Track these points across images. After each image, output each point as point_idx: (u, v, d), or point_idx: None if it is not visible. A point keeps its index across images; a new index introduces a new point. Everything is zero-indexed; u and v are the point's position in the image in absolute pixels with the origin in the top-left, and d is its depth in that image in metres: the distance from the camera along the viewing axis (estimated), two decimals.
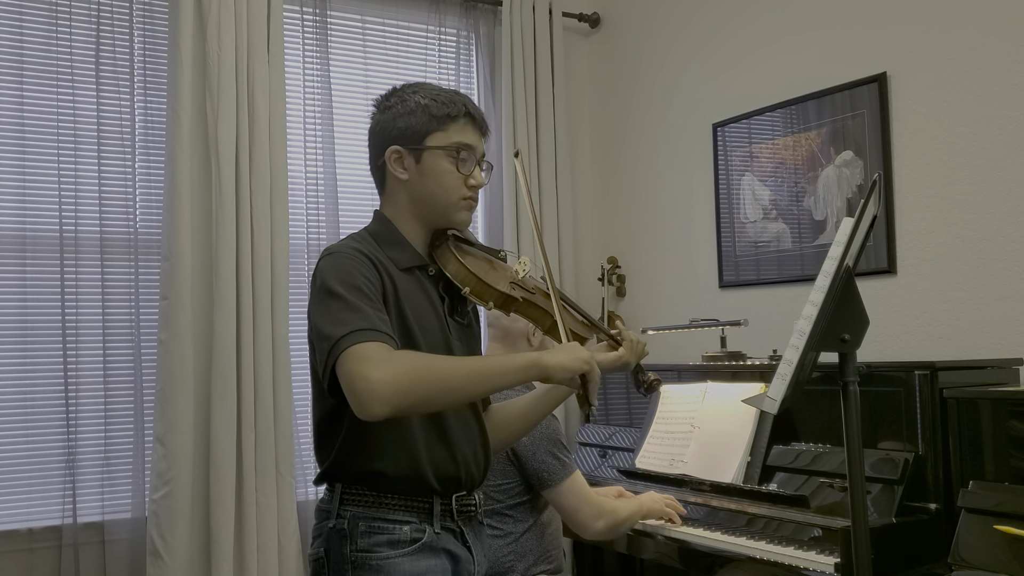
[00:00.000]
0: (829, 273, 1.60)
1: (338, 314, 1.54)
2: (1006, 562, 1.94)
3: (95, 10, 3.03)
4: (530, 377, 1.63)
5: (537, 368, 1.60)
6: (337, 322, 1.53)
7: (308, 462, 3.26)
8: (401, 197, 1.76)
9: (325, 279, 1.59)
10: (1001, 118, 2.58)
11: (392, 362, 1.49)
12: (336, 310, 1.54)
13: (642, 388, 2.00)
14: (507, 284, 1.77)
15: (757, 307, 3.24)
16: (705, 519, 2.53)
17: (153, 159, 3.10)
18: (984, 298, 2.62)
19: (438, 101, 1.73)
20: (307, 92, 3.40)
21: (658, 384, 2.00)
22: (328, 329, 1.53)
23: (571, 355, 1.63)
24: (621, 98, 3.94)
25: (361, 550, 1.62)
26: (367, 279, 1.60)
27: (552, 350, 1.65)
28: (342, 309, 1.54)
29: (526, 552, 2.33)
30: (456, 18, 3.76)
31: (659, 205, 3.75)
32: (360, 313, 1.53)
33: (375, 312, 1.56)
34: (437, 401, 1.57)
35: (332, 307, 1.55)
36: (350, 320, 1.52)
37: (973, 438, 2.17)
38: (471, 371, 1.58)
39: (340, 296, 1.55)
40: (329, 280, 1.59)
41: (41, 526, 2.90)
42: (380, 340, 1.51)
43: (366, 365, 1.47)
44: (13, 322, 2.92)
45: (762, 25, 3.30)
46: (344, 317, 1.53)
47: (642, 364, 2.01)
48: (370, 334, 1.51)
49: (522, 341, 2.51)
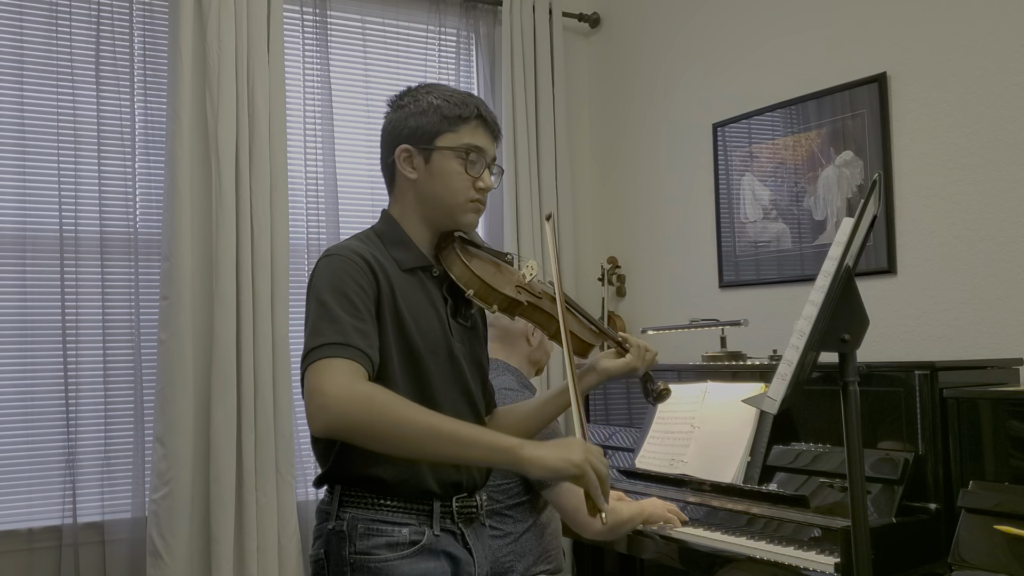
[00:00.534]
0: (829, 273, 1.60)
1: (317, 323, 1.55)
2: (1006, 562, 1.94)
3: (95, 10, 3.04)
4: (498, 461, 1.56)
5: (511, 456, 1.52)
6: (315, 332, 1.54)
7: (308, 462, 3.26)
8: (409, 197, 1.75)
9: (316, 283, 1.61)
10: (1001, 118, 2.58)
11: (353, 383, 1.48)
12: (316, 318, 1.55)
13: (651, 397, 1.96)
14: (513, 288, 1.76)
15: (757, 307, 3.24)
16: (705, 519, 2.53)
17: (153, 159, 3.10)
18: (984, 298, 2.62)
19: (451, 102, 1.72)
20: (307, 92, 3.41)
21: (667, 394, 1.94)
22: (307, 337, 1.55)
23: (558, 454, 1.53)
24: (621, 98, 3.94)
25: (360, 552, 1.62)
26: (358, 286, 1.59)
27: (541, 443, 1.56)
28: (322, 318, 1.55)
29: (525, 552, 2.33)
30: (456, 18, 3.76)
31: (659, 205, 3.75)
32: (337, 325, 1.53)
33: (355, 325, 1.55)
34: (383, 440, 1.49)
35: (315, 315, 1.56)
36: (326, 331, 1.52)
37: (973, 438, 2.17)
38: (433, 427, 1.50)
39: (324, 304, 1.56)
40: (319, 285, 1.60)
41: (41, 526, 2.90)
42: (351, 357, 1.50)
43: (325, 379, 1.47)
44: (13, 322, 2.92)
45: (762, 25, 3.30)
46: (321, 327, 1.53)
47: (650, 372, 1.97)
48: (342, 349, 1.51)
49: (521, 341, 2.52)
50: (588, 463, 1.55)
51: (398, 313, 1.65)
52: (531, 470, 1.53)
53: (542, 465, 1.52)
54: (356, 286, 1.59)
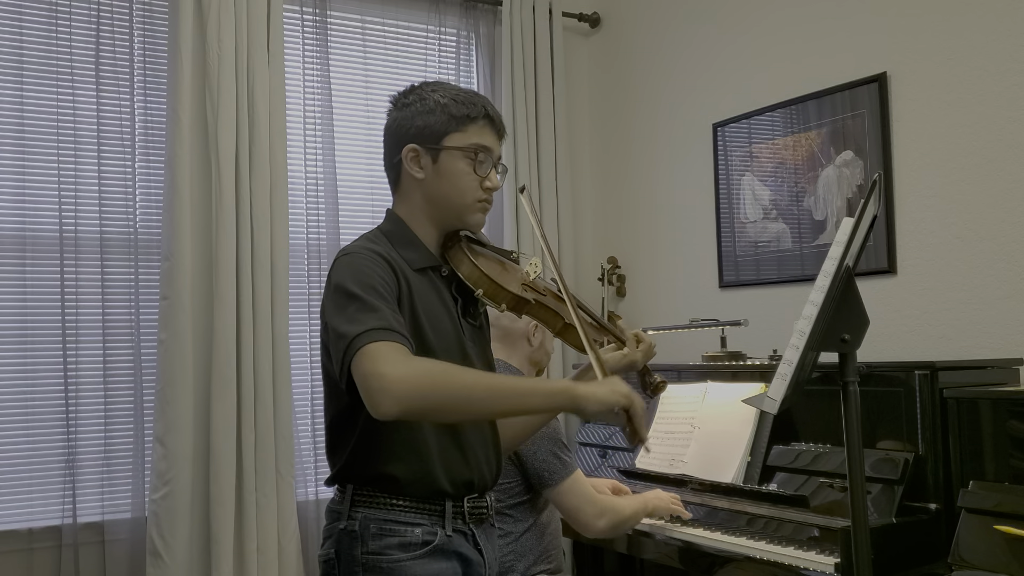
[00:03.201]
0: (829, 273, 1.60)
1: (355, 314, 1.52)
2: (1006, 562, 1.94)
3: (95, 10, 3.04)
4: (558, 404, 1.61)
5: (567, 395, 1.57)
6: (353, 321, 1.51)
7: (308, 462, 3.26)
8: (415, 197, 1.74)
9: (341, 279, 1.58)
10: (1001, 118, 2.58)
11: (409, 362, 1.48)
12: (353, 310, 1.53)
13: (648, 389, 1.98)
14: (519, 286, 1.76)
15: (757, 307, 3.24)
16: (705, 519, 2.53)
17: (153, 159, 3.10)
18: (984, 298, 2.62)
19: (458, 101, 1.71)
20: (307, 92, 3.40)
21: (664, 386, 1.98)
22: (344, 327, 1.51)
23: (608, 388, 1.60)
24: (621, 98, 3.94)
25: (372, 552, 1.61)
26: (383, 280, 1.59)
27: (589, 382, 1.62)
28: (359, 309, 1.53)
29: (526, 552, 2.32)
30: (456, 18, 3.76)
31: (659, 205, 3.75)
32: (377, 313, 1.52)
33: (392, 313, 1.54)
34: (451, 410, 1.53)
35: (348, 307, 1.54)
36: (366, 319, 1.51)
37: (973, 438, 2.17)
38: (492, 386, 1.56)
39: (356, 296, 1.54)
40: (345, 280, 1.57)
41: (41, 526, 2.90)
42: (396, 340, 1.49)
43: (382, 363, 1.46)
44: (13, 322, 2.92)
45: (762, 25, 3.30)
46: (361, 317, 1.51)
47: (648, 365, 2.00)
48: (386, 334, 1.49)
49: (522, 341, 2.51)
50: (633, 393, 1.62)
51: (414, 312, 1.64)
52: (587, 406, 1.58)
53: (597, 400, 1.58)
54: (381, 280, 1.58)
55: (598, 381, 1.65)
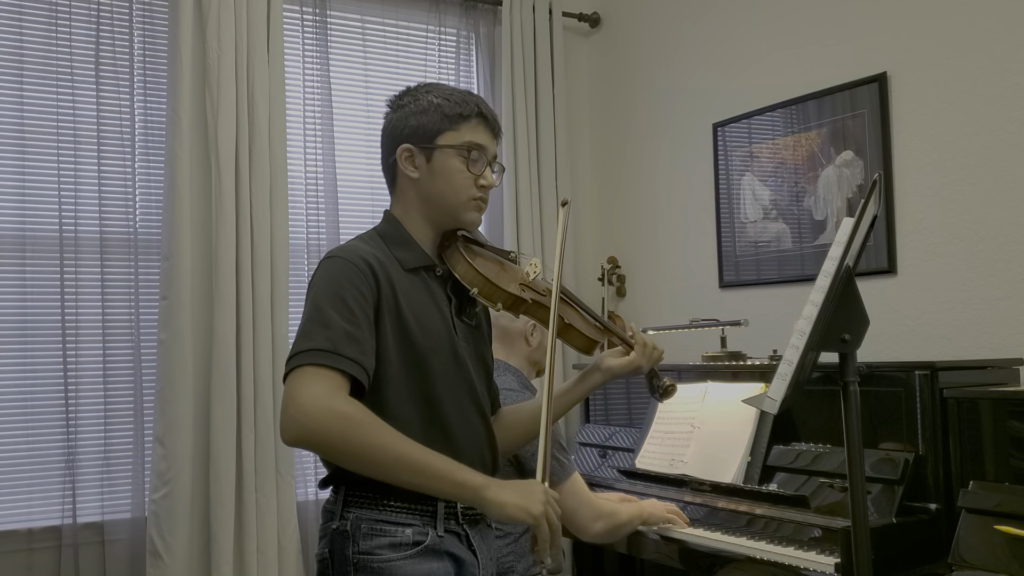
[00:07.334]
0: (829, 273, 1.60)
1: (309, 327, 1.56)
2: (1006, 562, 1.94)
3: (95, 10, 3.03)
4: (463, 498, 1.59)
5: (475, 495, 1.54)
6: (304, 335, 1.56)
7: (308, 462, 3.26)
8: (411, 196, 1.75)
9: (314, 286, 1.62)
10: (1001, 118, 2.58)
11: (331, 399, 1.50)
12: (310, 323, 1.57)
13: (657, 393, 1.94)
14: (517, 286, 1.76)
15: (757, 307, 3.24)
16: (705, 519, 2.53)
17: (153, 159, 3.10)
18: (984, 298, 2.62)
19: (451, 100, 1.73)
20: (307, 92, 3.40)
21: (673, 390, 1.93)
22: (297, 339, 1.56)
23: (522, 502, 1.54)
24: (621, 98, 3.94)
25: (363, 552, 1.61)
26: (357, 290, 1.59)
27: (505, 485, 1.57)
28: (314, 322, 1.56)
29: (526, 552, 2.32)
30: (456, 18, 3.76)
31: (659, 205, 3.75)
32: (329, 331, 1.54)
33: (348, 331, 1.55)
34: (352, 461, 1.52)
35: (310, 318, 1.58)
36: (316, 336, 1.53)
37: (973, 438, 2.17)
38: (404, 456, 1.52)
39: (319, 307, 1.57)
40: (317, 287, 1.61)
41: (41, 526, 2.90)
42: (337, 367, 1.51)
43: (304, 390, 1.49)
44: (13, 322, 2.92)
45: (762, 25, 3.30)
46: (312, 331, 1.55)
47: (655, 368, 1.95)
48: (329, 357, 1.52)
49: (520, 341, 2.51)
50: (545, 516, 1.55)
51: (400, 314, 1.64)
52: (491, 512, 1.57)
53: (501, 512, 1.54)
54: (355, 290, 1.59)
55: (515, 488, 1.57)
